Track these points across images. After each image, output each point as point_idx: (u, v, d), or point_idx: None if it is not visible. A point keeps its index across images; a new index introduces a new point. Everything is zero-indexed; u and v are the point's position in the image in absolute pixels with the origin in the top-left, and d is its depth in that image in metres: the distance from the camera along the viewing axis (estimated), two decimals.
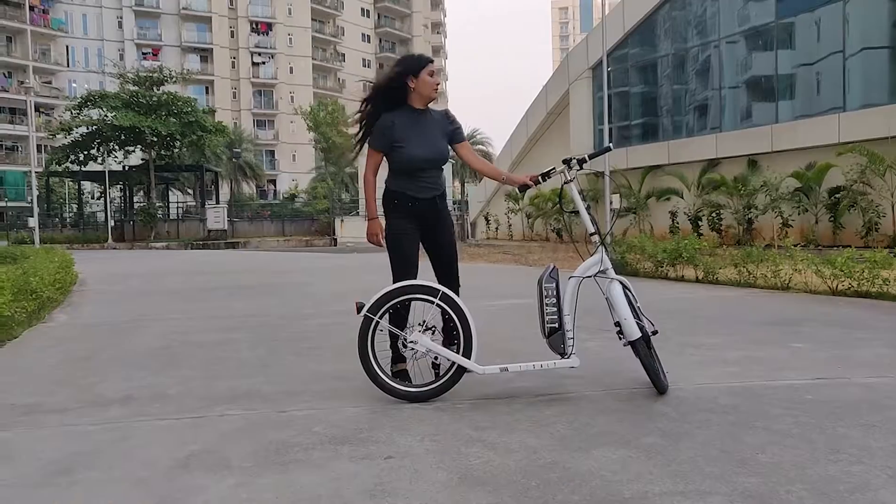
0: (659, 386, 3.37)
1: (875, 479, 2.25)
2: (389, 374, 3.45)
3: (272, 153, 64.40)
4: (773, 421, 2.89)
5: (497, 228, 30.82)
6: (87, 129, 32.60)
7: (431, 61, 3.67)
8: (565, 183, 3.57)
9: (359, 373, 3.40)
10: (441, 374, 3.41)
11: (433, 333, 3.42)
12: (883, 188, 15.45)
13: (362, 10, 72.89)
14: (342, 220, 34.31)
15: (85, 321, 6.70)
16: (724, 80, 20.75)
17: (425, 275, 3.62)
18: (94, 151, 33.27)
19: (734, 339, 4.80)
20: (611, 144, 4.17)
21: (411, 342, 3.37)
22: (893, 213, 15.42)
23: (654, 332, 3.47)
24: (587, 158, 3.58)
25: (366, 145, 3.67)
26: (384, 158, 3.63)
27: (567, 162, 3.56)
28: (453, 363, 3.35)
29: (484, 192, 32.03)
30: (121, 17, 58.46)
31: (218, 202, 40.07)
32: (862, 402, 3.14)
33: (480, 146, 57.35)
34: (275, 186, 61.70)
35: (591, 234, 3.52)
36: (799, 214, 17.48)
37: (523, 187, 3.90)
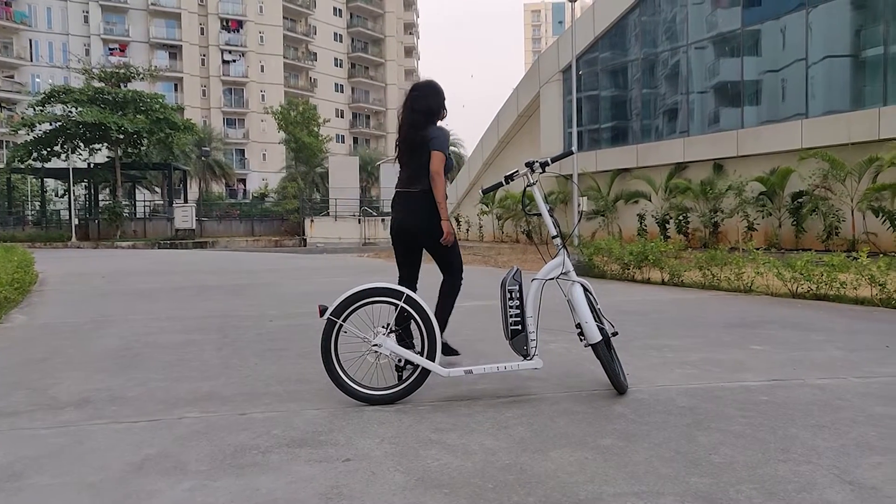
0: (618, 387, 3.42)
1: (822, 479, 2.31)
2: (352, 376, 3.44)
3: (242, 152, 63.72)
4: (727, 422, 2.95)
5: (468, 230, 30.90)
6: (51, 125, 31.87)
7: None
8: (528, 186, 3.60)
9: (322, 375, 3.38)
10: (405, 377, 3.41)
11: (397, 336, 3.42)
12: (843, 193, 15.83)
13: (334, 9, 72.51)
14: (312, 221, 34.09)
15: (43, 322, 6.55)
16: (692, 85, 21.09)
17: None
18: (57, 148, 32.53)
19: (695, 341, 4.88)
20: (573, 148, 4.26)
21: (375, 345, 3.37)
22: (853, 218, 15.81)
23: (614, 334, 3.51)
24: (549, 161, 3.62)
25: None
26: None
27: (530, 165, 3.60)
28: (417, 366, 3.35)
29: (455, 192, 32.09)
30: (87, 12, 57.35)
31: (186, 201, 39.51)
32: (814, 404, 3.22)
33: (452, 147, 57.44)
34: (244, 186, 61.04)
35: (553, 237, 3.55)
36: (763, 218, 17.83)
37: (487, 190, 3.98)
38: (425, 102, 4.00)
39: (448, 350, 4.09)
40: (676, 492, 2.22)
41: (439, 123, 4.06)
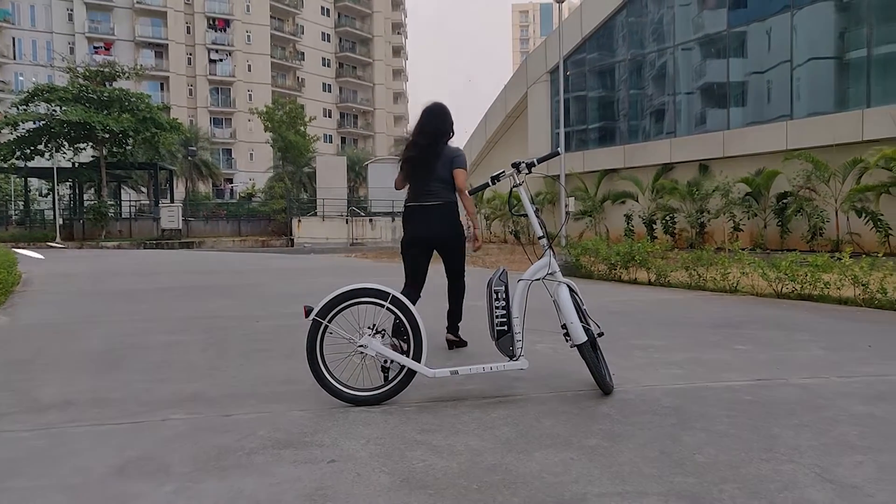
0: (604, 387, 3.43)
1: (803, 478, 2.33)
2: (337, 377, 3.43)
3: (229, 152, 63.39)
4: (711, 422, 2.96)
5: None
6: (35, 124, 31.52)
7: None
8: (514, 186, 3.61)
9: (308, 376, 3.37)
10: (391, 377, 3.41)
11: (382, 337, 3.42)
12: (827, 194, 15.98)
13: (322, 8, 72.30)
14: (299, 221, 33.93)
15: (26, 322, 6.49)
16: (678, 86, 21.21)
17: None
18: (41, 147, 32.17)
19: (681, 342, 4.91)
20: (560, 149, 4.31)
21: (361, 346, 3.36)
22: (837, 219, 15.96)
23: (600, 335, 3.52)
24: (536, 162, 3.62)
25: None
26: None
27: (516, 166, 3.60)
28: (403, 366, 3.35)
29: None
30: (71, 10, 56.82)
31: (172, 201, 39.18)
32: (796, 403, 3.24)
33: None
34: (231, 185, 60.71)
35: (540, 238, 3.55)
36: (749, 219, 17.97)
37: (474, 190, 3.99)
38: (434, 123, 4.31)
39: (462, 342, 4.73)
40: (660, 492, 2.23)
41: (449, 143, 4.37)
